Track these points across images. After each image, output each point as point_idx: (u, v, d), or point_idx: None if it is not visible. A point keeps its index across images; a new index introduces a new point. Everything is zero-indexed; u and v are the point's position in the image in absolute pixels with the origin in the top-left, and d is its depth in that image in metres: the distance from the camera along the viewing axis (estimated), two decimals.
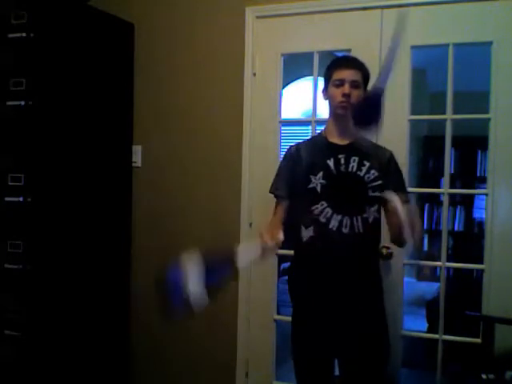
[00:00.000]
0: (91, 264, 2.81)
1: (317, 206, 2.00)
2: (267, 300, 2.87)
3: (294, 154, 2.13)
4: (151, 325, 3.11)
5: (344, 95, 1.99)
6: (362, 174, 2.02)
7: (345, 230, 1.98)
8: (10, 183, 2.51)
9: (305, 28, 2.76)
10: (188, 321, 3.02)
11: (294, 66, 3.47)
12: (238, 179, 2.88)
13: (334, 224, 1.98)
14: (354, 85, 2.00)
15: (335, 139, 2.09)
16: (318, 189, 2.01)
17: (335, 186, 2.01)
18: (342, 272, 1.99)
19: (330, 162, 2.03)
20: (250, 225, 2.87)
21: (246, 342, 2.89)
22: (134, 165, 3.12)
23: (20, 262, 2.50)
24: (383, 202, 2.02)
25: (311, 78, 2.81)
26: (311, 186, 2.02)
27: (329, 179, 2.01)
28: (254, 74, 2.86)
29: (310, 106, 2.83)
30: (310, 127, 2.80)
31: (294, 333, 2.14)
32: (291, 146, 2.18)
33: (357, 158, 2.03)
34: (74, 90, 2.71)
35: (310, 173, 2.03)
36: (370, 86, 2.06)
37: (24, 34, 2.47)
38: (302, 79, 5.37)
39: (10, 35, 2.50)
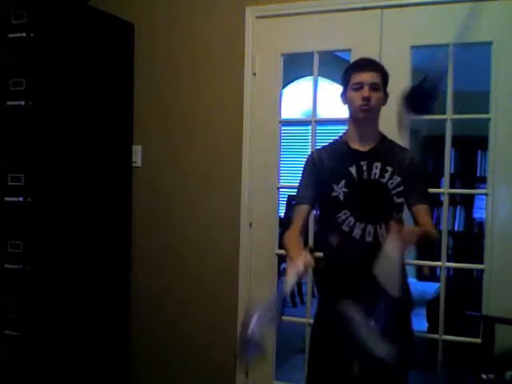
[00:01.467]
0: (91, 264, 2.81)
1: (339, 214, 1.96)
2: (267, 300, 2.86)
3: (316, 162, 2.07)
4: (151, 325, 3.12)
5: (364, 99, 1.93)
6: (384, 180, 1.97)
7: (368, 239, 1.93)
8: (10, 183, 2.51)
9: (305, 28, 2.76)
10: (188, 320, 3.04)
11: (294, 66, 3.47)
12: (238, 179, 2.88)
13: (357, 232, 1.94)
14: (374, 87, 1.94)
15: (356, 145, 2.03)
16: (341, 197, 1.97)
17: (358, 194, 1.95)
18: (365, 281, 1.88)
19: (352, 170, 1.98)
20: (250, 225, 2.87)
21: None
22: (133, 165, 3.12)
23: (20, 262, 2.50)
24: (409, 207, 2.00)
25: (311, 77, 2.81)
26: (334, 194, 1.98)
27: (351, 187, 1.97)
28: (254, 74, 2.86)
29: (310, 106, 2.83)
30: (309, 127, 2.80)
31: (313, 336, 2.11)
32: (312, 151, 2.15)
33: (379, 164, 1.98)
34: (73, 90, 2.71)
35: (332, 181, 1.99)
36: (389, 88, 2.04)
37: (24, 34, 2.47)
38: (301, 79, 5.37)
39: (10, 35, 2.50)
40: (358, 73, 1.96)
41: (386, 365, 1.93)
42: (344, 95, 2.03)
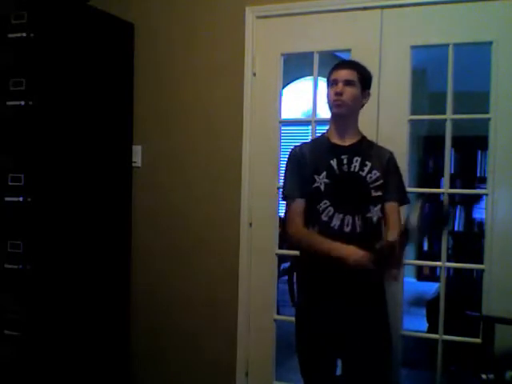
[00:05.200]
0: (91, 264, 2.81)
1: (320, 204, 2.04)
2: (267, 300, 2.87)
3: (298, 155, 2.15)
4: (151, 325, 3.12)
5: (336, 93, 2.03)
6: (364, 173, 2.06)
7: (346, 229, 2.02)
8: (10, 183, 2.51)
9: (305, 28, 2.76)
10: (188, 320, 3.04)
11: (294, 66, 3.47)
12: (238, 179, 2.87)
13: (335, 222, 2.02)
14: (348, 83, 2.04)
15: (337, 140, 2.13)
16: (322, 188, 2.05)
17: (338, 185, 2.05)
18: (342, 270, 2.00)
19: (333, 162, 2.07)
20: (250, 225, 2.87)
21: (246, 342, 2.89)
22: (134, 165, 3.12)
23: (20, 262, 2.50)
24: (382, 203, 2.08)
25: (311, 77, 2.81)
26: (315, 185, 2.06)
27: (332, 179, 2.05)
28: (254, 74, 2.86)
29: (310, 106, 2.84)
30: (309, 127, 2.80)
31: (297, 330, 2.16)
32: (295, 146, 2.20)
33: (359, 159, 2.07)
34: (73, 90, 2.70)
35: (314, 172, 2.07)
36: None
37: (24, 34, 2.47)
38: (301, 79, 5.38)
39: (10, 35, 2.49)
40: (335, 71, 2.09)
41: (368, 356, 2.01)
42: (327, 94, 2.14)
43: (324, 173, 2.06)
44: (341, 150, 2.09)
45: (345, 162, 2.07)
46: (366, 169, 2.06)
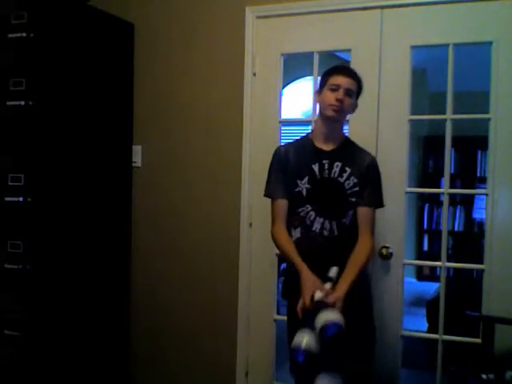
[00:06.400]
0: (91, 264, 2.81)
1: (302, 208, 2.11)
2: (267, 300, 2.87)
3: (282, 157, 2.19)
4: (151, 325, 3.12)
5: (337, 100, 2.05)
6: (342, 180, 2.11)
7: (325, 233, 2.10)
8: (10, 183, 2.51)
9: (305, 28, 2.76)
10: (188, 320, 3.04)
11: (294, 66, 3.47)
12: (238, 179, 2.88)
13: (316, 227, 2.10)
14: (348, 93, 2.07)
15: (321, 144, 2.16)
16: (304, 193, 2.11)
17: (319, 190, 2.11)
18: (325, 272, 2.04)
19: (315, 167, 2.12)
20: (250, 225, 2.87)
21: (246, 341, 2.89)
22: (133, 165, 3.12)
23: (20, 262, 2.50)
24: (355, 208, 2.14)
25: (311, 77, 2.81)
26: (298, 189, 2.12)
27: (313, 184, 2.11)
28: (254, 74, 2.86)
29: (310, 106, 2.84)
30: (310, 127, 2.79)
31: (288, 330, 2.21)
32: (279, 146, 2.25)
33: (340, 164, 2.12)
34: (73, 90, 2.70)
35: (297, 177, 2.12)
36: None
37: (24, 34, 2.47)
38: (301, 79, 5.37)
39: (10, 35, 2.49)
40: (337, 75, 2.09)
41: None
42: (318, 94, 2.15)
43: (306, 178, 2.11)
44: (323, 154, 2.13)
45: (326, 167, 2.11)
46: (345, 175, 2.11)
